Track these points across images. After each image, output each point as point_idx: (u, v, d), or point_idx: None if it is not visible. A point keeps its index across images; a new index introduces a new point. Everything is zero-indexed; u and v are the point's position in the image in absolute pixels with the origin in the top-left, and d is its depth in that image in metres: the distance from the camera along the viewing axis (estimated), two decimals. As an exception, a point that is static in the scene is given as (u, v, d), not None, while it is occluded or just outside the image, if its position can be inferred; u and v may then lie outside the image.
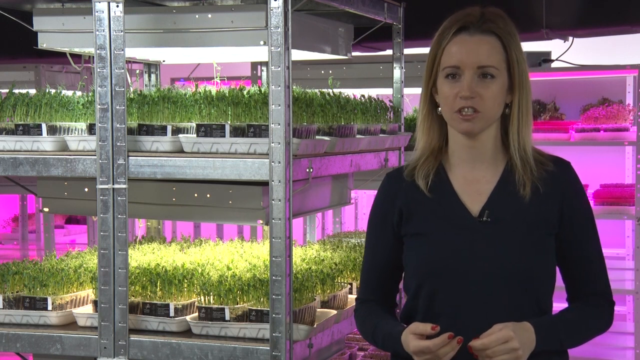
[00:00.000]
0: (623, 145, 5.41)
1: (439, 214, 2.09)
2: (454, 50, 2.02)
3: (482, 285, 2.02)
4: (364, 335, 2.21)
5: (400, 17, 3.77)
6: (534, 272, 2.04)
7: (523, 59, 2.06)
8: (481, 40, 2.02)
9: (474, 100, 2.00)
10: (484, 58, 2.01)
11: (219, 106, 2.97)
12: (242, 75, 4.45)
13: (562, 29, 5.01)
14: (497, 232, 2.04)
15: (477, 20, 2.03)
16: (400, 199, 2.13)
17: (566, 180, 2.11)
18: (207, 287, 2.97)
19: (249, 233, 5.38)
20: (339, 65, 4.58)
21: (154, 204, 3.17)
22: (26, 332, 3.06)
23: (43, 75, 5.38)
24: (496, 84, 2.02)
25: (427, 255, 2.07)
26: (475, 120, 2.02)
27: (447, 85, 2.03)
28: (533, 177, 2.07)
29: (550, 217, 2.07)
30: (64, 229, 7.14)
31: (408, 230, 2.12)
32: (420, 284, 2.08)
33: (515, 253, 2.03)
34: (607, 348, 5.28)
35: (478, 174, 2.10)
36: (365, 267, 2.23)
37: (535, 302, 2.05)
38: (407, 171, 2.14)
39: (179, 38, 3.13)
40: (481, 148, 2.08)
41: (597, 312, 2.11)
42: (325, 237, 4.49)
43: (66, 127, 3.19)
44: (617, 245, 5.83)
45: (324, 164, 3.05)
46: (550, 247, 2.07)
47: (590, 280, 2.12)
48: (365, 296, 2.23)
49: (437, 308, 2.06)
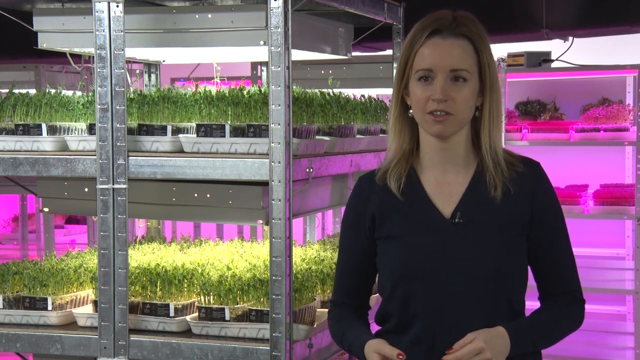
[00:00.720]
0: (623, 145, 5.41)
1: (412, 217, 2.10)
2: (426, 53, 2.03)
3: (456, 286, 2.04)
4: (334, 339, 2.24)
5: (400, 17, 3.77)
6: (506, 273, 2.06)
7: (493, 62, 2.08)
8: (454, 43, 2.03)
9: (447, 103, 2.02)
10: (457, 61, 2.02)
11: (219, 106, 2.97)
12: (242, 75, 4.45)
13: (562, 29, 5.01)
14: (470, 234, 2.06)
15: (450, 24, 2.04)
16: (372, 202, 2.15)
17: (536, 180, 2.13)
18: (207, 287, 2.97)
19: (249, 233, 5.38)
20: (339, 65, 4.57)
21: (154, 204, 3.17)
22: (26, 332, 3.06)
23: (43, 75, 5.38)
24: (468, 87, 2.03)
25: (400, 258, 2.09)
26: (447, 123, 2.03)
27: (420, 88, 2.04)
28: (504, 178, 2.09)
29: (521, 218, 2.09)
30: (64, 229, 7.14)
31: (381, 234, 2.13)
32: (394, 286, 2.10)
33: (488, 254, 2.05)
34: (607, 348, 5.28)
35: (449, 176, 2.12)
36: (339, 270, 2.24)
37: (508, 302, 2.07)
38: (379, 174, 2.16)
39: (179, 38, 3.13)
40: (452, 150, 2.10)
41: (568, 312, 2.14)
42: (325, 237, 4.48)
43: (66, 127, 3.19)
44: (617, 245, 5.83)
45: (324, 164, 3.05)
46: (521, 248, 2.10)
47: (561, 279, 2.15)
48: (339, 299, 2.24)
49: (412, 310, 2.08)
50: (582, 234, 5.76)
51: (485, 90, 2.07)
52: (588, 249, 5.81)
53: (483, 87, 2.07)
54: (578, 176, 5.80)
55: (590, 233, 5.82)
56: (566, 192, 5.35)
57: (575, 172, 5.85)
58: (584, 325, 2.24)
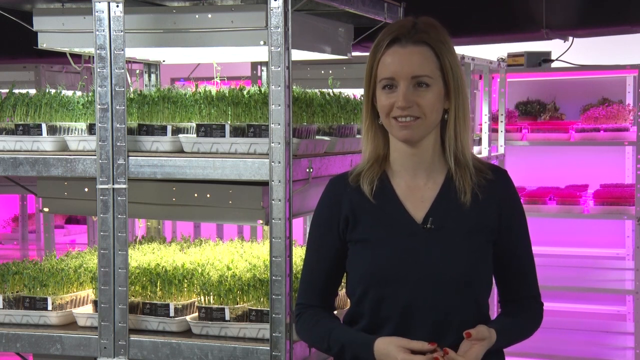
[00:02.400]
0: (623, 145, 5.42)
1: (384, 221, 2.12)
2: (388, 61, 2.06)
3: (427, 290, 2.07)
4: (310, 341, 2.25)
5: (400, 17, 3.77)
6: (475, 278, 2.10)
7: (457, 65, 2.10)
8: (413, 50, 2.06)
9: (411, 109, 2.04)
10: (417, 68, 2.05)
11: (219, 106, 2.97)
12: (242, 75, 4.44)
13: (562, 29, 5.02)
14: (441, 239, 2.09)
15: (409, 32, 2.07)
16: (345, 204, 2.16)
17: (503, 187, 2.16)
18: (207, 287, 2.97)
19: (249, 233, 5.37)
20: (339, 65, 4.57)
21: (154, 204, 3.17)
22: (26, 332, 3.06)
23: (43, 75, 5.38)
24: (431, 92, 2.06)
25: (372, 261, 2.11)
26: (414, 127, 2.06)
27: (384, 96, 2.07)
28: (473, 184, 2.11)
29: (489, 224, 2.12)
30: (64, 229, 7.14)
31: (353, 237, 2.15)
32: (365, 289, 2.11)
33: (458, 259, 2.08)
34: (607, 348, 5.28)
35: (420, 181, 2.14)
36: (308, 271, 2.25)
37: (477, 305, 2.12)
38: (352, 176, 2.18)
39: (179, 38, 3.13)
40: (421, 155, 2.12)
41: (532, 315, 2.22)
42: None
43: (66, 127, 3.19)
44: (617, 245, 5.84)
45: (324, 164, 3.05)
46: (489, 253, 2.13)
47: (524, 284, 2.20)
48: (308, 301, 2.25)
49: (383, 313, 2.10)
50: (582, 234, 5.77)
51: (450, 94, 2.09)
52: (588, 249, 5.82)
53: (448, 91, 2.09)
54: (578, 176, 5.81)
55: (590, 233, 5.83)
56: (566, 192, 5.35)
57: (575, 172, 5.86)
58: (584, 325, 2.28)
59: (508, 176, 2.20)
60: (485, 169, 2.16)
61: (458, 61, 2.11)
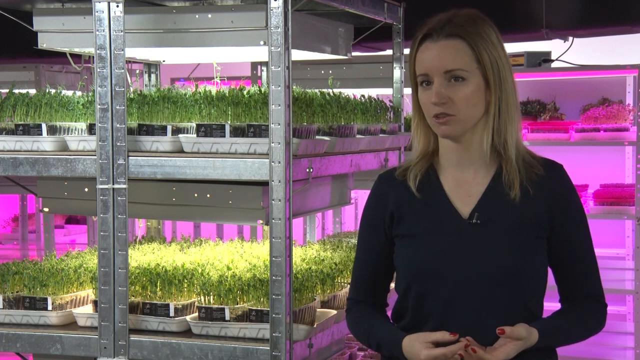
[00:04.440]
0: (623, 145, 5.41)
1: (429, 216, 2.10)
2: (421, 58, 2.04)
3: (470, 287, 2.03)
4: (356, 336, 2.23)
5: (400, 17, 3.77)
6: (522, 274, 2.04)
7: (499, 57, 2.04)
8: (445, 45, 2.02)
9: (446, 105, 2.01)
10: (449, 62, 2.01)
11: (219, 106, 2.97)
12: (242, 75, 4.44)
13: (562, 29, 5.01)
14: (486, 234, 2.05)
15: (443, 26, 2.03)
16: (391, 200, 2.14)
17: (557, 182, 2.11)
18: (207, 287, 2.97)
19: (249, 233, 5.38)
20: (339, 65, 4.58)
21: (154, 204, 3.17)
22: (26, 332, 3.06)
23: (43, 75, 5.38)
24: (467, 85, 2.02)
25: (415, 256, 2.08)
26: (451, 124, 2.03)
27: (422, 92, 2.06)
28: (522, 178, 2.07)
29: (539, 220, 2.07)
30: (64, 229, 7.14)
31: (399, 232, 2.13)
32: (409, 285, 2.09)
33: (503, 255, 2.03)
34: (607, 348, 5.28)
35: (468, 175, 2.10)
36: (357, 268, 2.24)
37: (523, 304, 2.06)
38: (399, 170, 2.16)
39: (179, 38, 3.13)
40: (467, 150, 2.09)
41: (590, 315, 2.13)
42: (325, 237, 4.48)
43: (66, 127, 3.19)
44: (617, 245, 5.83)
45: (324, 164, 3.05)
46: (539, 249, 2.08)
47: (583, 283, 2.13)
48: (357, 296, 2.24)
49: (426, 309, 2.07)
50: (582, 234, 5.75)
51: (490, 86, 2.04)
52: (588, 249, 5.81)
53: (488, 84, 2.04)
54: (578, 176, 5.80)
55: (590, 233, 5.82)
56: (566, 192, 5.34)
57: (575, 172, 5.82)
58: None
59: (563, 171, 2.13)
60: (538, 163, 2.11)
61: (501, 53, 2.05)
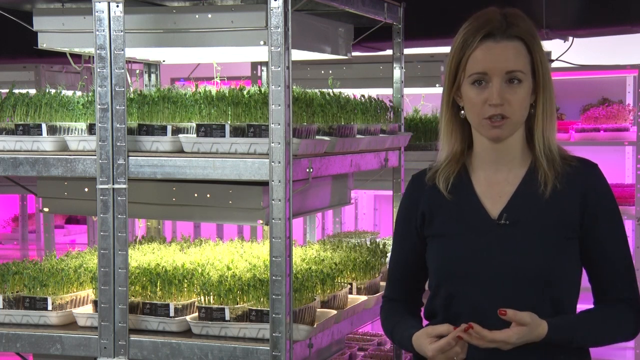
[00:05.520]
0: (623, 145, 5.42)
1: (459, 216, 2.10)
2: (480, 57, 2.02)
3: (499, 287, 2.03)
4: (386, 334, 2.27)
5: (400, 17, 3.77)
6: (551, 275, 2.03)
7: (546, 59, 2.06)
8: (507, 46, 2.02)
9: (503, 107, 2.01)
10: (512, 63, 2.01)
11: (219, 106, 2.97)
12: (242, 75, 4.45)
13: (562, 29, 5.01)
14: (515, 235, 2.05)
15: (501, 25, 2.02)
16: (422, 201, 2.16)
17: (589, 181, 2.09)
18: (207, 287, 2.97)
19: (249, 233, 5.38)
20: (339, 65, 4.58)
21: (154, 204, 3.17)
22: (26, 332, 3.06)
23: (43, 75, 5.38)
24: (523, 88, 2.03)
25: (445, 256, 2.10)
26: (504, 127, 2.03)
27: (474, 91, 2.03)
28: (557, 176, 2.06)
29: (571, 220, 2.06)
30: (64, 229, 7.15)
31: (430, 232, 2.15)
32: (439, 284, 2.11)
33: (532, 256, 2.03)
34: (607, 348, 5.26)
35: (500, 176, 2.10)
36: (391, 266, 2.27)
37: (553, 305, 2.04)
38: (429, 174, 2.17)
39: (179, 38, 3.13)
40: (507, 150, 2.09)
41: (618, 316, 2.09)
42: (325, 237, 4.49)
43: (66, 127, 3.19)
44: (617, 245, 5.82)
45: (324, 164, 3.05)
46: (571, 250, 2.06)
47: (614, 285, 2.09)
48: (391, 295, 2.28)
49: (455, 309, 2.08)
50: (582, 234, 5.75)
51: (538, 88, 2.05)
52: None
53: (536, 86, 2.05)
54: (578, 176, 5.79)
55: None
56: (566, 192, 5.34)
57: (575, 172, 5.84)
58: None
59: (597, 170, 2.11)
60: (572, 162, 2.10)
61: (545, 55, 2.07)
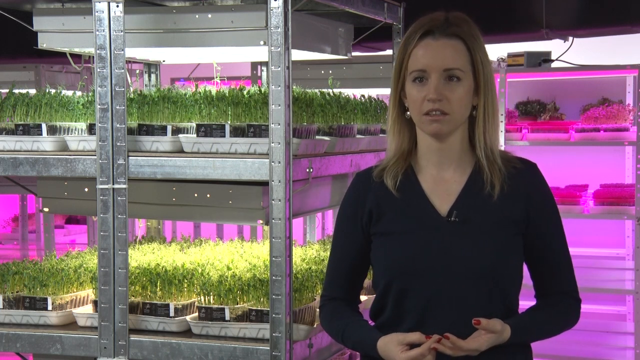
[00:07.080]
0: (623, 145, 5.41)
1: (408, 214, 2.13)
2: (420, 54, 2.06)
3: (450, 284, 2.06)
4: (330, 333, 2.26)
5: (400, 17, 3.77)
6: (501, 271, 2.08)
7: (488, 62, 2.10)
8: (446, 43, 2.06)
9: (442, 103, 2.04)
10: (450, 61, 2.05)
11: (219, 106, 2.97)
12: (242, 75, 4.44)
13: (562, 29, 5.01)
14: (465, 232, 2.08)
15: (442, 25, 2.07)
16: (370, 198, 2.17)
17: (532, 180, 2.15)
18: (207, 287, 2.97)
19: (249, 233, 5.37)
20: (339, 65, 4.57)
21: (154, 204, 3.17)
22: (26, 332, 3.06)
23: (43, 75, 5.38)
24: (462, 86, 2.06)
25: (395, 254, 2.11)
26: (443, 122, 2.06)
27: (415, 88, 2.07)
28: (500, 177, 2.11)
29: (517, 217, 2.11)
30: (64, 229, 7.13)
31: (377, 230, 2.15)
32: (389, 282, 2.12)
33: (483, 252, 2.07)
34: (607, 348, 5.28)
35: (446, 174, 2.14)
36: (332, 264, 2.26)
37: (502, 300, 2.10)
38: (376, 172, 2.19)
39: (179, 38, 3.13)
40: (449, 149, 2.12)
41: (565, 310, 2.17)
42: (325, 237, 4.48)
43: (66, 127, 3.19)
44: (617, 245, 5.83)
45: (324, 164, 3.05)
46: (517, 247, 2.12)
47: (557, 279, 2.17)
48: (332, 294, 2.26)
49: (406, 306, 2.10)
50: (582, 234, 5.76)
51: (479, 89, 2.09)
52: (588, 249, 5.81)
53: (478, 87, 2.09)
54: (578, 176, 5.80)
55: (590, 233, 5.82)
56: (566, 192, 5.34)
57: (575, 172, 5.85)
58: (584, 325, 2.25)
59: (537, 169, 2.17)
60: (514, 162, 2.15)
61: (488, 57, 2.10)
